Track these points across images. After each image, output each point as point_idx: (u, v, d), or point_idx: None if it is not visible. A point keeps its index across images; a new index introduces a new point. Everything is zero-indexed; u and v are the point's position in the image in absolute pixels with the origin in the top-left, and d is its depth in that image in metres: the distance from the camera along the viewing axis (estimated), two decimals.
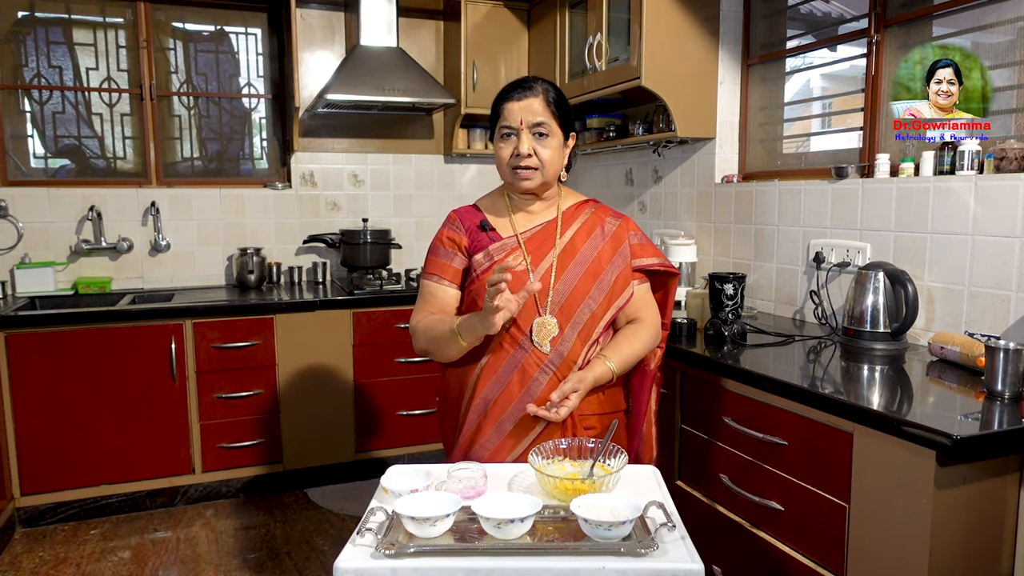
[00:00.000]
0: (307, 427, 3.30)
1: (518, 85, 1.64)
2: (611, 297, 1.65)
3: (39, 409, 2.88)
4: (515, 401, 1.58)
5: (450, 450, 1.73)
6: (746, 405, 1.94)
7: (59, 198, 3.43)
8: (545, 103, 1.61)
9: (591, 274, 1.64)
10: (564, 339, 1.59)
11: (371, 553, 1.13)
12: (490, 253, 1.64)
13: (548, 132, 1.61)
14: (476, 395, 1.62)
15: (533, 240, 1.66)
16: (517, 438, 1.59)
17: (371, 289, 3.43)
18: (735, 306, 2.50)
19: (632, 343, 1.66)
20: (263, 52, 3.78)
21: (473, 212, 1.72)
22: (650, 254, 1.73)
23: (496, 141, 1.65)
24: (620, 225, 1.72)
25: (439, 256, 1.69)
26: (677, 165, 3.25)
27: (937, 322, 2.14)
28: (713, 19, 2.91)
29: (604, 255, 1.67)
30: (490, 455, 1.59)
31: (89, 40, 3.49)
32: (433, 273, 1.69)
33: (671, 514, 1.24)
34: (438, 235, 1.72)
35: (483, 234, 1.67)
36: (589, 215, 1.72)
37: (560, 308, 1.60)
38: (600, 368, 1.59)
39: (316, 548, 2.83)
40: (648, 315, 1.71)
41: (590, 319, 1.62)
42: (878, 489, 1.56)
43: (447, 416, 1.73)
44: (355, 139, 3.92)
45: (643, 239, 1.74)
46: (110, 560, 2.73)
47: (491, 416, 1.60)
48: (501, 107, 1.63)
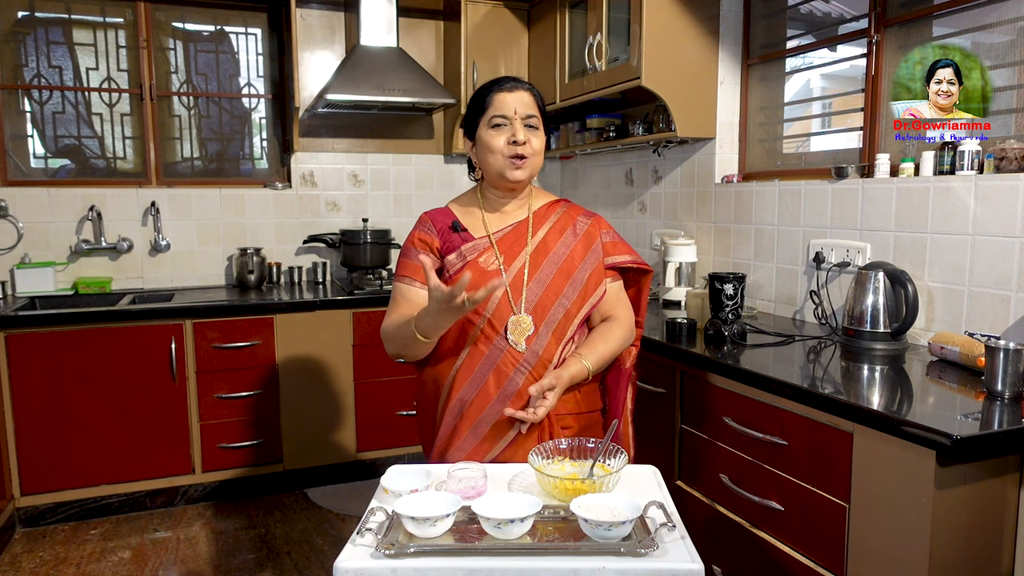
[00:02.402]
0: (307, 427, 3.30)
1: (506, 78, 1.64)
2: (585, 295, 1.65)
3: (39, 409, 2.88)
4: (491, 402, 1.58)
5: (428, 453, 1.72)
6: (746, 405, 1.94)
7: (59, 198, 3.43)
8: (534, 99, 1.63)
9: (564, 272, 1.64)
10: (539, 337, 1.59)
11: (371, 553, 1.13)
12: (463, 253, 1.64)
13: (537, 125, 1.62)
14: (452, 397, 1.62)
15: (505, 240, 1.66)
16: (493, 440, 1.59)
17: (371, 289, 3.43)
18: (735, 306, 2.50)
19: (607, 341, 1.66)
20: (263, 52, 3.78)
21: (445, 213, 1.72)
22: (623, 251, 1.74)
23: (484, 131, 1.62)
24: (592, 223, 1.73)
25: (410, 258, 1.68)
26: (677, 165, 3.25)
27: (937, 322, 2.14)
28: (713, 19, 2.91)
29: (577, 253, 1.67)
30: (466, 457, 1.59)
31: (89, 40, 3.49)
32: (405, 275, 1.67)
33: (671, 514, 1.24)
34: (409, 237, 1.71)
35: (455, 235, 1.66)
36: (561, 214, 1.72)
37: (535, 307, 1.60)
38: (576, 366, 1.59)
39: (316, 548, 2.83)
40: (622, 312, 1.72)
41: (564, 317, 1.62)
42: (878, 489, 1.56)
43: (424, 418, 1.74)
44: (355, 139, 3.92)
45: (615, 237, 1.75)
46: (110, 560, 2.73)
47: (467, 418, 1.60)
48: (491, 97, 1.61)
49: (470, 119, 1.67)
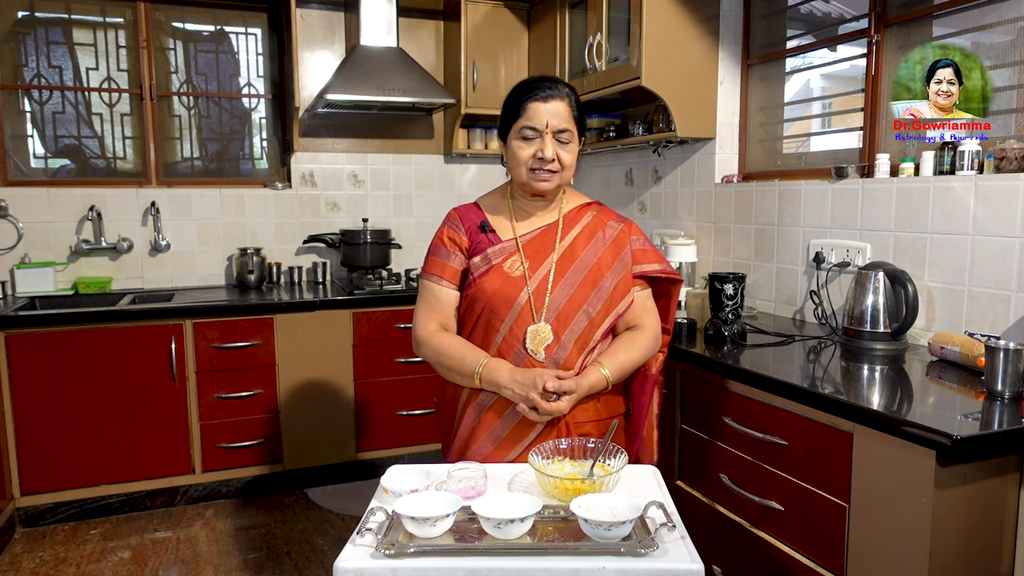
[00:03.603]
0: (307, 427, 3.30)
1: (543, 84, 1.57)
2: (610, 304, 1.62)
3: (39, 409, 2.88)
4: (510, 407, 1.57)
5: (446, 453, 1.72)
6: (746, 405, 1.94)
7: (59, 198, 3.43)
8: (570, 108, 1.57)
9: (590, 281, 1.61)
10: (560, 347, 1.57)
11: (371, 553, 1.13)
12: (488, 256, 1.62)
13: (570, 139, 1.58)
14: (472, 399, 1.61)
15: (532, 244, 1.64)
16: (510, 446, 1.58)
17: (371, 289, 3.43)
18: (735, 306, 2.50)
19: (629, 351, 1.63)
20: (263, 52, 3.78)
21: (474, 211, 1.70)
22: (652, 260, 1.70)
23: (514, 140, 1.59)
24: (622, 229, 1.69)
25: (439, 256, 1.67)
26: (677, 165, 3.25)
27: (937, 322, 2.14)
28: (713, 19, 2.91)
29: (605, 261, 1.64)
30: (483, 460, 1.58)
31: (89, 40, 3.49)
32: (432, 273, 1.66)
33: (671, 514, 1.24)
34: (438, 234, 1.69)
35: (483, 235, 1.64)
36: (591, 218, 1.69)
37: (556, 316, 1.58)
38: (595, 375, 1.56)
39: (316, 548, 2.83)
40: (648, 322, 1.68)
41: (588, 327, 1.60)
42: (878, 489, 1.56)
43: (443, 419, 1.73)
44: (355, 139, 3.92)
45: (646, 244, 1.71)
46: (110, 560, 2.73)
47: (485, 421, 1.59)
48: (524, 105, 1.56)
49: (504, 121, 1.62)
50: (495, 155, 4.04)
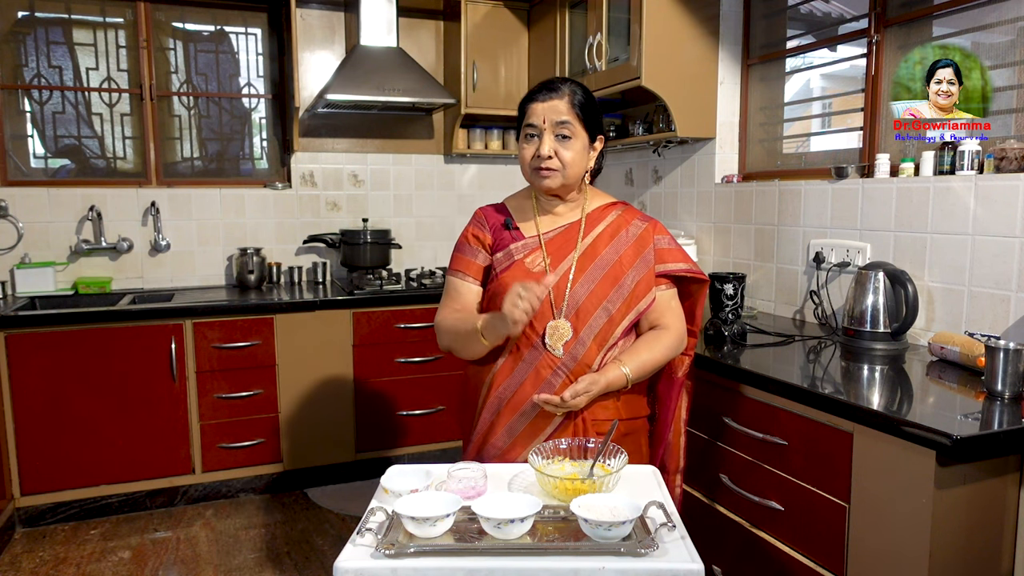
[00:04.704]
0: (307, 427, 3.30)
1: (544, 86, 1.63)
2: (631, 302, 1.62)
3: (39, 409, 2.88)
4: (528, 401, 1.58)
5: (465, 447, 1.74)
6: (746, 405, 1.94)
7: (59, 198, 3.43)
8: (570, 104, 1.60)
9: (611, 278, 1.62)
10: (579, 343, 1.58)
11: (371, 553, 1.13)
12: (510, 252, 1.65)
13: (571, 134, 1.59)
14: (491, 393, 1.63)
15: (554, 241, 1.66)
16: (526, 442, 1.59)
17: (371, 289, 3.43)
18: (735, 306, 2.50)
19: (651, 349, 1.63)
20: (263, 52, 3.78)
21: (499, 210, 1.74)
22: (678, 259, 1.70)
23: (520, 141, 1.66)
24: (646, 228, 1.70)
25: (464, 253, 1.71)
26: (677, 165, 3.25)
27: (937, 322, 2.14)
28: (713, 19, 2.91)
29: (626, 258, 1.65)
30: (501, 456, 1.60)
31: (89, 40, 3.49)
32: (458, 269, 1.71)
33: (671, 514, 1.24)
34: (464, 232, 1.74)
35: (506, 232, 1.68)
36: (616, 217, 1.70)
37: (576, 312, 1.59)
38: (614, 372, 1.57)
39: (316, 548, 2.83)
40: (671, 321, 1.68)
41: (607, 323, 1.60)
42: (878, 489, 1.56)
43: (464, 413, 1.74)
44: (355, 139, 3.92)
45: (671, 243, 1.71)
46: (110, 560, 2.73)
47: (504, 416, 1.60)
48: (526, 107, 1.64)
49: (517, 125, 1.69)
50: (495, 155, 4.05)
